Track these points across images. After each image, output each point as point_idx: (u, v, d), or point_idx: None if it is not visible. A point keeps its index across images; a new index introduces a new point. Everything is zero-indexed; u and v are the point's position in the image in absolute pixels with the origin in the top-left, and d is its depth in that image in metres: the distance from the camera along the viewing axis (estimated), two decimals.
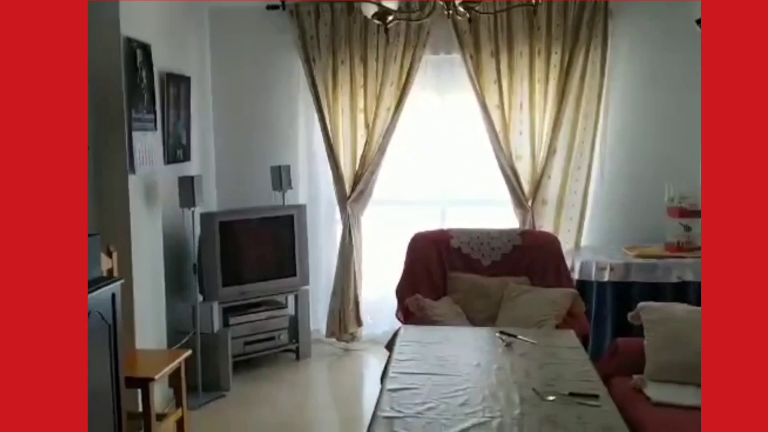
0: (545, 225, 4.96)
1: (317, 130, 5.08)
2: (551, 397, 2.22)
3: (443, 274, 3.87)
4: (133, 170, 3.66)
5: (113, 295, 3.00)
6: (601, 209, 4.99)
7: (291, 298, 4.86)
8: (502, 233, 4.03)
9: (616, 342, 3.23)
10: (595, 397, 2.21)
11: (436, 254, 3.90)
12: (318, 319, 5.18)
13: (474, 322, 3.54)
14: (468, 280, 3.82)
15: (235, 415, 4.02)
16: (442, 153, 5.10)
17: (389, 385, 2.38)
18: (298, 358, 4.82)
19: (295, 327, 4.82)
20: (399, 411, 2.14)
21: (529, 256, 3.87)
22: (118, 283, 3.09)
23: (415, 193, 5.16)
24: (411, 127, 5.06)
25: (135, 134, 3.69)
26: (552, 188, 4.97)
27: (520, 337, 2.91)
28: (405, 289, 3.80)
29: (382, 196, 5.11)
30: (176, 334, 4.22)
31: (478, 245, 3.96)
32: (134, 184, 3.68)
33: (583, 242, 4.98)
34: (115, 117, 3.58)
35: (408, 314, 3.65)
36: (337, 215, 5.13)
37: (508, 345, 2.82)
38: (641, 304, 3.23)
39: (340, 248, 5.07)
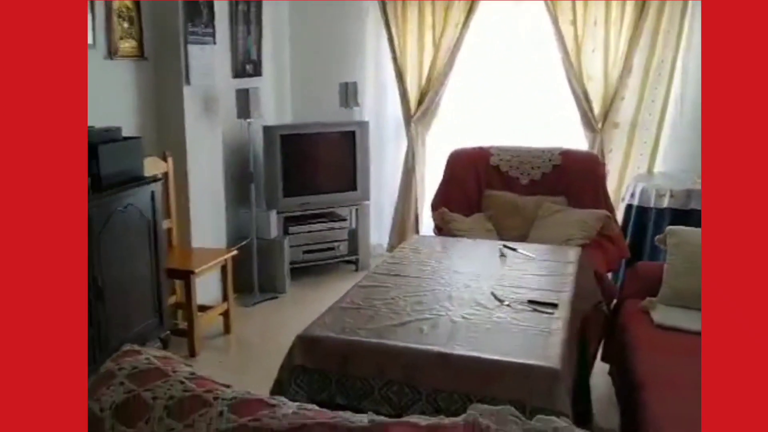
0: (615, 149, 4.74)
1: (386, 48, 5.10)
2: (507, 303, 2.23)
3: (479, 191, 3.86)
4: (188, 82, 3.91)
5: (152, 193, 3.31)
6: (679, 135, 4.66)
7: (352, 212, 5.04)
8: (544, 152, 3.92)
9: (637, 265, 3.11)
10: (554, 306, 2.19)
11: (473, 171, 3.89)
12: (380, 233, 5.34)
13: (505, 239, 3.53)
14: (503, 198, 3.79)
15: (284, 313, 4.31)
16: (509, 72, 4.95)
17: (362, 282, 2.49)
18: (357, 269, 5.02)
19: (354, 239, 5.01)
20: (355, 303, 2.26)
21: (569, 176, 3.74)
22: (158, 183, 3.40)
23: (478, 113, 5.07)
24: (478, 45, 4.94)
25: (191, 47, 3.92)
26: (625, 110, 4.71)
27: (520, 250, 2.89)
28: (437, 204, 3.84)
29: (446, 115, 5.08)
30: (237, 239, 4.54)
31: (518, 163, 3.89)
32: (190, 94, 3.95)
33: (657, 168, 4.72)
34: (170, 30, 3.82)
35: (438, 228, 3.71)
36: (402, 133, 5.18)
37: (503, 256, 2.82)
38: (669, 227, 3.07)
39: (404, 165, 5.15)
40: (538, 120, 4.85)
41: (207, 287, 3.89)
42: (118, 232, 3.05)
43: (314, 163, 4.92)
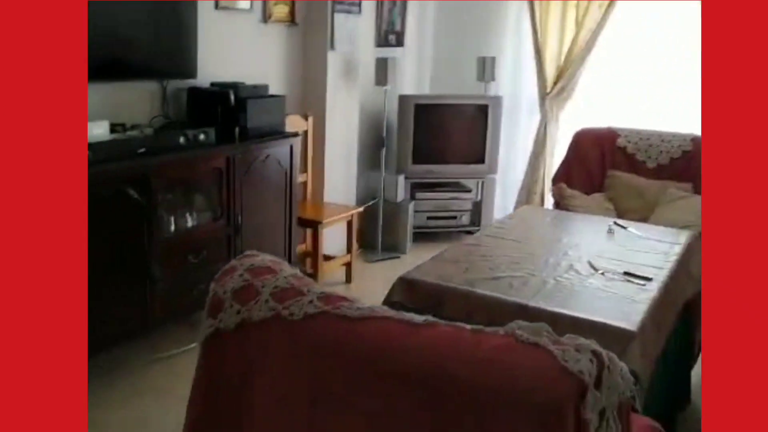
0: None
1: (526, 24, 5.14)
2: (601, 272, 2.31)
3: (602, 171, 3.86)
4: (332, 47, 4.22)
5: (291, 147, 3.65)
6: None
7: (478, 184, 5.18)
8: (674, 137, 3.83)
9: None
10: (648, 279, 2.24)
11: (599, 151, 3.89)
12: (504, 208, 5.43)
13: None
14: (627, 179, 3.77)
15: (402, 271, 4.56)
16: (648, 55, 4.81)
17: (467, 240, 2.67)
18: None
19: (478, 211, 5.16)
20: (456, 257, 2.44)
21: (698, 163, 3.65)
22: (297, 138, 3.74)
23: (613, 93, 4.98)
24: (620, 26, 4.85)
25: (337, 16, 4.22)
26: None
27: (630, 228, 2.92)
28: (557, 179, 3.90)
29: (581, 94, 5.06)
30: (365, 199, 4.85)
31: (646, 147, 3.84)
32: (333, 60, 4.26)
33: None
34: None
35: (556, 203, 3.78)
36: (536, 109, 5.22)
37: (611, 232, 2.86)
38: None
39: (534, 142, 5.20)
40: (673, 105, 4.70)
41: (333, 239, 4.22)
42: (258, 179, 3.42)
43: (445, 134, 5.10)
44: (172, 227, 3.01)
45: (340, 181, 4.52)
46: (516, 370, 0.99)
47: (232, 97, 3.30)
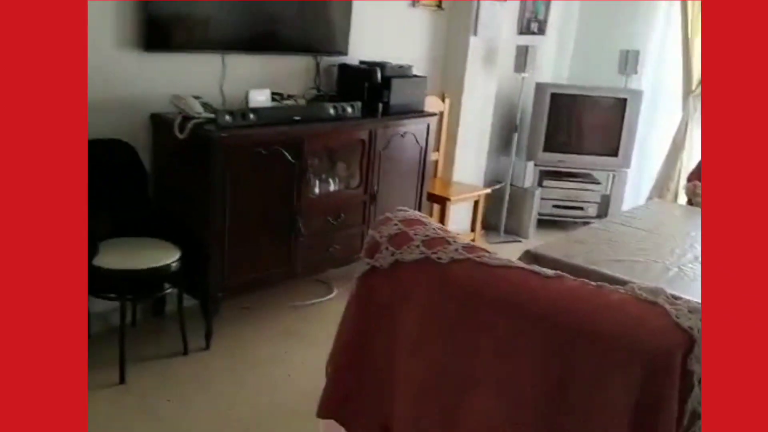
0: None
1: (675, 19, 5.03)
2: None
3: None
4: (475, 33, 4.37)
5: (428, 126, 3.85)
6: None
7: (609, 177, 5.16)
8: None
9: None
10: None
11: None
12: (632, 203, 5.37)
13: None
14: None
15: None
16: None
17: (596, 225, 2.75)
18: None
19: (606, 204, 5.14)
20: (582, 238, 2.55)
21: None
22: (434, 118, 3.93)
23: None
24: None
25: (483, 3, 4.36)
26: None
27: None
28: (692, 177, 3.85)
29: None
30: (492, 182, 4.98)
31: None
32: (474, 45, 4.40)
33: None
34: None
35: (689, 201, 3.74)
36: (678, 107, 5.11)
37: None
38: None
39: (673, 139, 5.10)
40: None
41: (459, 217, 4.39)
42: (395, 153, 3.65)
43: (580, 124, 5.12)
44: (317, 190, 3.30)
45: (469, 162, 4.68)
46: (633, 320, 1.14)
47: (379, 75, 3.54)
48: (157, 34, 2.87)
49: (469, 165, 4.68)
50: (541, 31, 5.24)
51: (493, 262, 1.31)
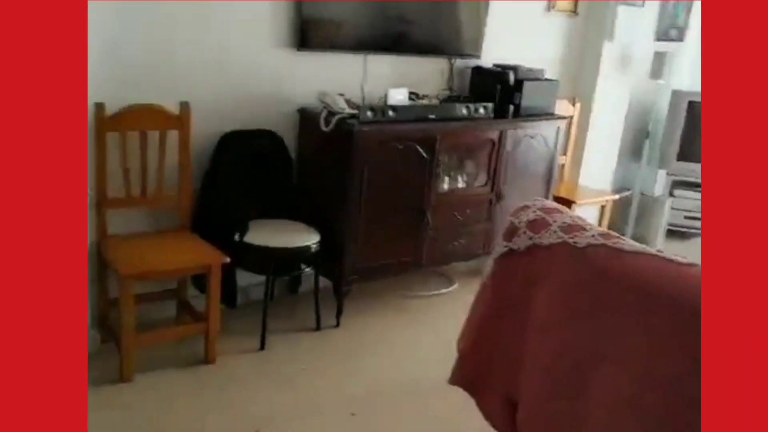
0: None
1: None
2: None
3: None
4: (610, 38, 4.35)
5: (558, 129, 3.90)
6: None
7: None
8: None
9: None
10: None
11: None
12: None
13: None
14: None
15: None
16: None
17: None
18: None
19: None
20: None
21: None
22: (564, 121, 3.97)
23: None
24: None
25: (620, 7, 4.33)
26: None
27: None
28: None
29: None
30: (619, 189, 4.91)
31: None
32: (608, 50, 4.39)
33: None
34: None
35: None
36: None
37: None
38: None
39: None
40: None
41: None
42: (523, 155, 3.72)
43: None
44: (446, 185, 3.44)
45: (597, 167, 4.65)
46: None
47: (511, 78, 3.63)
48: (307, 34, 3.12)
49: (597, 170, 4.66)
50: (680, 37, 5.10)
51: (628, 247, 1.39)
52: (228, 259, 2.68)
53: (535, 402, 1.53)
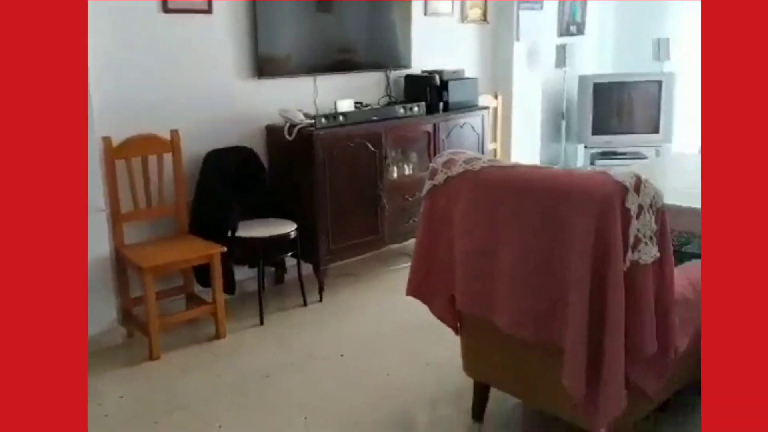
0: None
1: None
2: None
3: None
4: (518, 39, 5.15)
5: (482, 118, 4.64)
6: None
7: (653, 153, 5.76)
8: None
9: None
10: None
11: None
12: None
13: None
14: None
15: None
16: None
17: None
18: None
19: None
20: None
21: None
22: (486, 111, 4.71)
23: None
24: None
25: (522, 12, 5.14)
26: None
27: None
28: None
29: None
30: (549, 165, 5.66)
31: None
32: (518, 49, 5.18)
33: None
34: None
35: None
36: None
37: None
38: None
39: None
40: None
41: None
42: (456, 141, 4.43)
43: (622, 108, 5.77)
44: (395, 174, 4.13)
45: (525, 148, 5.41)
46: (589, 181, 1.89)
47: (438, 80, 4.37)
48: (265, 65, 3.80)
49: (525, 151, 5.41)
50: (580, 31, 5.94)
51: (507, 164, 2.09)
52: (225, 249, 3.31)
53: (464, 288, 2.20)
